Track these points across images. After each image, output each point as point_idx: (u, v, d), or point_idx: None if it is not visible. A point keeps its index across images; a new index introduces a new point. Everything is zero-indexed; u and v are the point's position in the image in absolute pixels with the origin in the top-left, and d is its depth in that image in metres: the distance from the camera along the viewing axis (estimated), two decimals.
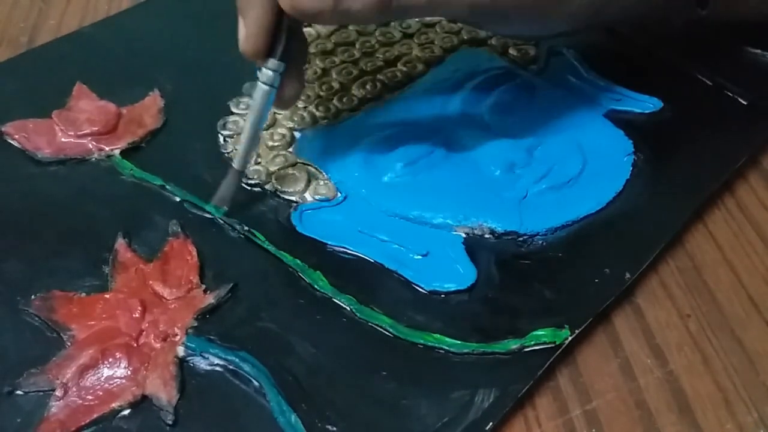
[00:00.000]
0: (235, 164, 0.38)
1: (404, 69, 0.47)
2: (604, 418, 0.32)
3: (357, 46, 0.49)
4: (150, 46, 0.48)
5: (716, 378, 0.33)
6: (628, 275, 0.35)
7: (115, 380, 0.31)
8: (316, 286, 0.35)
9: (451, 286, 0.35)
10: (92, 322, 0.33)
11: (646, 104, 0.44)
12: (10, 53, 0.48)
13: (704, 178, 0.40)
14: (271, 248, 0.36)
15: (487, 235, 0.37)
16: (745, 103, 0.44)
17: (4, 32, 0.51)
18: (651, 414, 0.32)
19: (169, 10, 0.51)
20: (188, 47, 0.48)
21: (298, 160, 0.41)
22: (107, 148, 0.41)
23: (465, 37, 0.50)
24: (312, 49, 0.48)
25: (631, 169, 0.40)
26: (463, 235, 0.37)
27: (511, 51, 0.48)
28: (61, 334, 0.33)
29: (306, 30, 0.49)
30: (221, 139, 0.42)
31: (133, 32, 0.49)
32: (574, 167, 0.40)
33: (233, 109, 0.44)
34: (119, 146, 0.41)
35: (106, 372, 0.31)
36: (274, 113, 0.44)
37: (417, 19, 0.51)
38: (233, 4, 0.33)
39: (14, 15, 0.52)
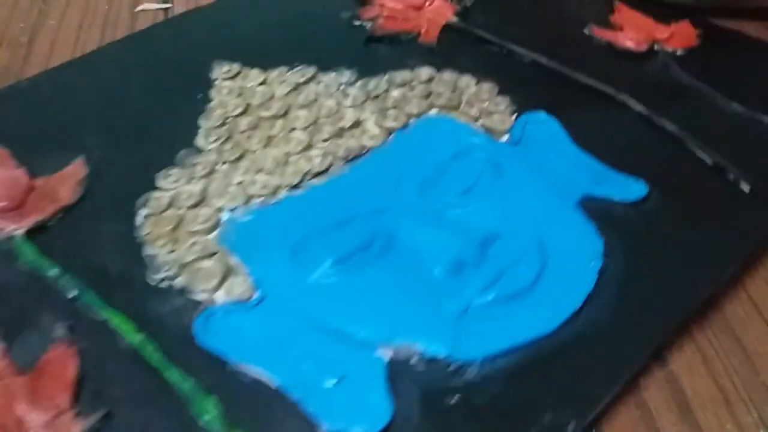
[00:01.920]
0: None
1: (360, 138, 0.42)
2: (604, 418, 0.30)
3: (314, 109, 0.43)
4: (87, 103, 0.44)
5: (716, 378, 0.32)
6: (572, 426, 0.29)
7: None
8: (202, 420, 0.30)
9: (358, 431, 0.29)
10: None
11: (630, 189, 0.38)
12: (11, 54, 0.49)
13: (687, 289, 0.34)
14: (161, 366, 0.31)
15: (414, 359, 0.32)
16: (747, 190, 0.38)
17: (4, 33, 0.51)
18: (651, 414, 0.31)
19: (113, 65, 0.46)
20: (128, 107, 0.44)
21: (219, 249, 0.36)
22: (10, 227, 0.37)
23: (436, 102, 0.44)
24: (262, 113, 0.43)
25: (596, 278, 0.34)
26: (388, 357, 0.32)
27: (484, 120, 0.43)
28: None
29: (259, 89, 0.44)
30: (139, 220, 0.38)
31: (73, 87, 0.45)
32: (529, 273, 0.34)
33: (159, 183, 0.39)
34: (24, 225, 0.37)
35: None
36: (205, 189, 0.39)
37: (386, 79, 0.45)
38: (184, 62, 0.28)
39: (14, 15, 0.52)
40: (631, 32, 0.49)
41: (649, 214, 0.37)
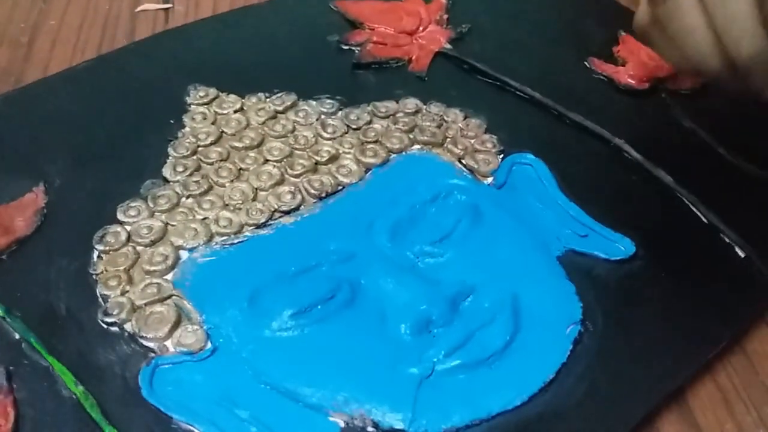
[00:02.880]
0: None
1: (336, 174, 0.39)
2: None
3: (290, 140, 0.41)
4: (52, 127, 0.42)
5: (716, 378, 0.32)
6: None
7: None
8: None
9: None
10: None
11: (616, 247, 0.36)
12: (11, 54, 0.47)
13: (669, 365, 0.31)
14: (100, 421, 0.29)
15: (369, 429, 0.29)
16: (742, 255, 0.35)
17: (4, 32, 0.50)
18: (651, 414, 0.30)
19: (83, 87, 0.44)
20: (95, 132, 0.41)
21: (173, 292, 0.34)
22: None
23: (419, 137, 0.42)
24: (235, 143, 0.41)
25: (571, 347, 0.31)
26: (341, 425, 0.29)
27: (468, 160, 0.40)
28: None
29: (234, 116, 0.42)
30: (95, 255, 0.35)
31: (37, 109, 0.43)
32: (501, 336, 0.32)
33: (120, 217, 0.37)
34: None
35: None
36: (166, 224, 0.37)
37: (369, 110, 0.43)
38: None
39: (15, 15, 0.51)
40: (633, 68, 0.47)
41: (634, 276, 0.34)
